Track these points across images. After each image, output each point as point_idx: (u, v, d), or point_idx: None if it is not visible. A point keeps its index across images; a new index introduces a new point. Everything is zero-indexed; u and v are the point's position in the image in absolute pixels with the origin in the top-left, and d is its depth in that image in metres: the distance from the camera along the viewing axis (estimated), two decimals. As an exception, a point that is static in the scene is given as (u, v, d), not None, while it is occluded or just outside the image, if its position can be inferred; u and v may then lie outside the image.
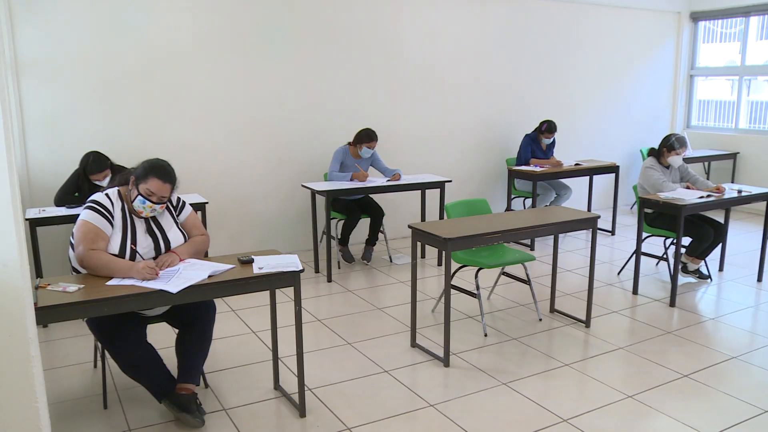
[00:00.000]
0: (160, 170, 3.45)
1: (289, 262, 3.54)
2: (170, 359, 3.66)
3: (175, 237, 3.57)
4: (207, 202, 5.56)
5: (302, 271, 3.50)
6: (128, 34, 5.87)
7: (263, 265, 3.48)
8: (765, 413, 3.77)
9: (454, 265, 4.95)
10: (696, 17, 9.99)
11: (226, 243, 6.46)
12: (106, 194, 3.47)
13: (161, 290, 3.09)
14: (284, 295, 5.37)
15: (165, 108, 6.14)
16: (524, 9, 8.22)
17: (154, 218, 3.54)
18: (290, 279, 3.47)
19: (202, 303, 3.65)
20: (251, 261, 3.53)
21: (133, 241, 3.41)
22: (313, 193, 6.19)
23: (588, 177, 8.24)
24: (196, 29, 6.16)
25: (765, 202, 6.14)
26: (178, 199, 3.74)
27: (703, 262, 6.24)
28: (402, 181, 6.45)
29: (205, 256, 3.75)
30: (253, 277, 3.36)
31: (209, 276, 3.27)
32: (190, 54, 6.18)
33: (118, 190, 3.51)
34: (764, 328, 5.16)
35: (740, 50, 9.72)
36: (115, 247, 3.35)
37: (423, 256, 6.96)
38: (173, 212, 3.66)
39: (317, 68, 6.84)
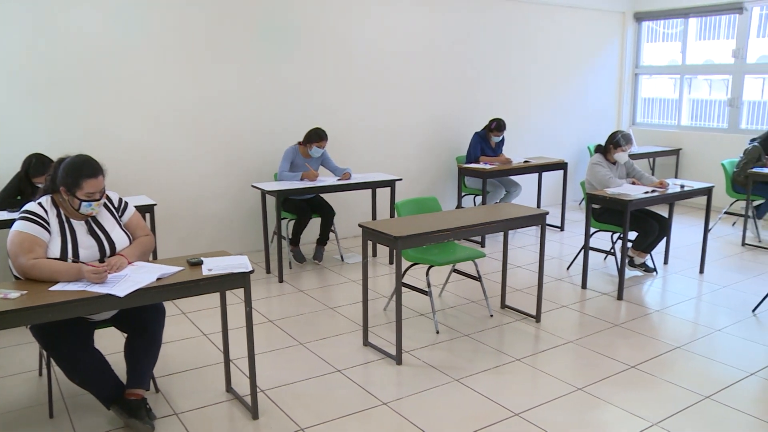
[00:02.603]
0: (86, 169, 3.34)
1: (239, 263, 3.51)
2: (119, 364, 3.60)
3: (119, 238, 3.51)
4: (155, 204, 5.47)
5: (252, 272, 3.47)
6: (70, 33, 5.75)
7: (212, 266, 3.44)
8: (706, 399, 3.89)
9: (405, 264, 4.97)
10: (639, 17, 10.20)
11: (176, 245, 6.38)
12: (39, 203, 3.37)
13: (108, 294, 3.03)
14: (235, 297, 5.32)
15: (110, 108, 6.02)
16: (474, 8, 8.29)
17: (94, 219, 3.47)
18: (240, 280, 3.44)
19: (150, 306, 3.59)
20: (200, 263, 3.49)
21: (74, 244, 3.33)
22: (263, 193, 6.15)
23: (537, 174, 8.34)
24: (142, 27, 6.06)
25: (706, 197, 6.30)
26: (120, 199, 3.67)
27: (648, 256, 6.38)
28: (352, 180, 6.45)
29: (154, 258, 3.69)
30: (202, 279, 3.31)
31: (157, 279, 3.21)
32: (136, 53, 6.07)
33: (52, 197, 3.42)
34: (706, 318, 5.30)
35: (681, 50, 9.96)
36: (55, 252, 3.27)
37: (374, 254, 6.97)
38: (115, 213, 3.59)
39: (266, 67, 6.79)
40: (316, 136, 6.42)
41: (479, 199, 7.79)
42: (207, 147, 6.59)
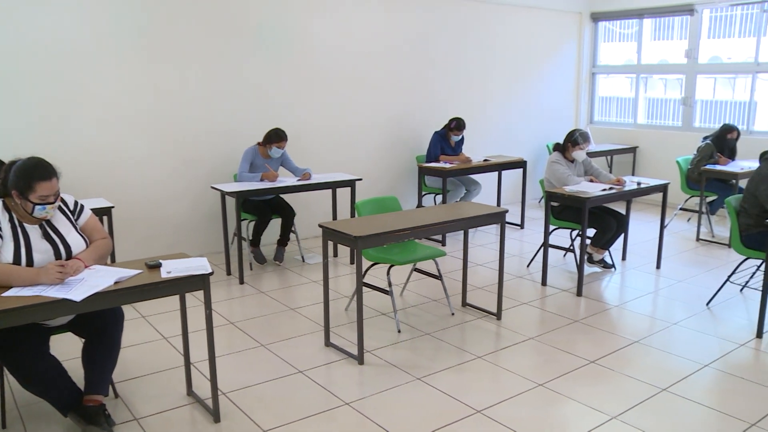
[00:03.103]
0: (39, 172, 3.26)
1: (198, 265, 3.47)
2: (76, 370, 3.53)
3: (75, 241, 3.44)
4: (113, 207, 5.38)
5: (212, 273, 3.44)
6: (23, 31, 5.63)
7: (171, 269, 3.40)
8: (663, 392, 3.96)
9: (366, 263, 4.97)
10: (596, 17, 10.34)
11: (134, 248, 6.28)
12: None
13: (64, 299, 2.97)
14: (195, 299, 5.27)
15: (64, 109, 5.91)
16: (433, 7, 8.32)
17: (49, 223, 3.40)
18: (199, 282, 3.40)
19: (109, 310, 3.53)
20: (159, 265, 3.44)
21: (28, 249, 3.26)
22: (223, 194, 6.10)
23: (497, 172, 8.41)
24: (97, 25, 5.96)
25: (662, 194, 6.41)
26: (76, 202, 3.60)
27: (607, 252, 6.47)
28: (312, 181, 6.43)
29: (112, 261, 3.63)
30: (161, 282, 3.27)
31: (115, 282, 3.16)
32: (90, 52, 5.97)
33: (3, 201, 3.34)
34: (663, 312, 5.39)
35: (637, 50, 10.12)
36: (7, 258, 3.19)
37: (335, 254, 6.95)
38: (70, 216, 3.53)
39: (226, 66, 6.73)
40: (276, 136, 6.39)
41: (439, 198, 7.82)
42: (165, 148, 6.51)
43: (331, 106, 7.60)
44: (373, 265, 5.15)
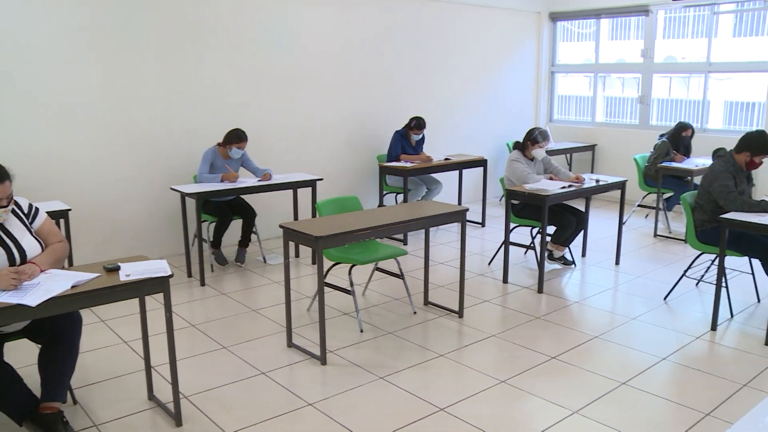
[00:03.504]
0: None
1: (158, 268, 3.42)
2: (32, 377, 3.45)
3: (31, 245, 3.37)
4: (70, 209, 5.27)
5: (171, 276, 3.39)
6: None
7: (130, 272, 3.35)
8: (622, 385, 4.02)
9: (328, 263, 4.96)
10: (554, 17, 10.45)
11: (93, 251, 6.18)
12: None
13: (19, 304, 2.90)
14: (156, 302, 5.19)
15: (17, 109, 5.78)
16: (393, 6, 8.33)
17: (2, 226, 3.32)
18: (159, 285, 3.36)
19: (66, 315, 3.45)
20: (117, 268, 3.39)
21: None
22: (183, 195, 6.03)
23: (457, 171, 8.45)
24: (51, 25, 5.84)
25: (620, 191, 6.50)
26: (30, 205, 3.53)
27: (567, 249, 6.54)
28: (273, 181, 6.40)
29: (69, 265, 3.57)
30: (119, 285, 3.22)
31: (72, 286, 3.10)
32: (45, 51, 5.85)
33: None
34: (622, 307, 5.47)
35: (594, 49, 10.25)
36: (-41, 263, 3.13)
37: (297, 255, 6.92)
38: (25, 220, 3.46)
39: (183, 66, 6.66)
40: (236, 137, 6.34)
41: (401, 197, 7.84)
42: (124, 149, 6.41)
43: (292, 106, 7.57)
44: (334, 265, 5.14)
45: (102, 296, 3.20)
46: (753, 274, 5.66)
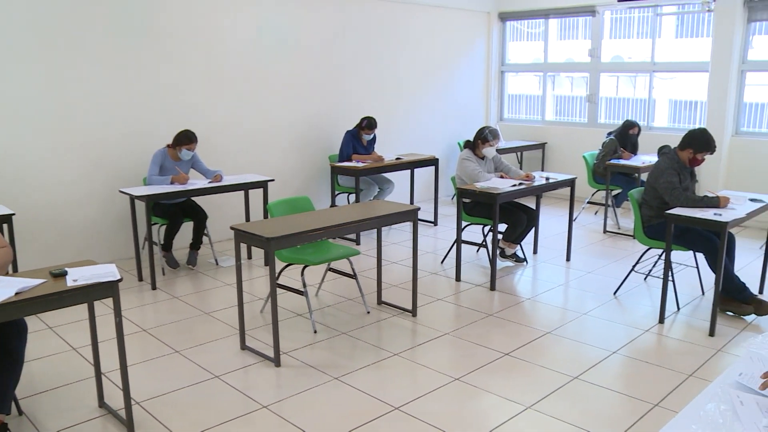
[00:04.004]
0: None
1: (106, 272, 3.36)
2: (-26, 385, 3.37)
3: (-29, 252, 3.28)
4: (14, 214, 5.13)
5: (121, 280, 3.33)
6: None
7: (78, 277, 3.27)
8: (575, 380, 4.08)
9: (280, 264, 4.93)
10: (504, 17, 10.55)
11: (38, 257, 6.03)
12: None
13: (-42, 312, 2.83)
14: (106, 307, 5.09)
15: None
16: (343, 6, 8.31)
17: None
18: (108, 290, 3.29)
19: (10, 323, 3.35)
20: (64, 274, 3.31)
21: None
22: (132, 198, 5.92)
23: (409, 170, 8.48)
24: (-10, 28, 5.71)
25: (569, 188, 6.59)
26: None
27: (518, 246, 6.61)
28: (224, 182, 6.33)
29: (14, 272, 3.47)
30: (66, 291, 3.14)
31: (16, 293, 3.02)
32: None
33: None
34: (573, 303, 5.55)
35: (543, 49, 10.38)
36: None
37: (249, 257, 6.86)
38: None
39: (131, 66, 6.53)
40: (186, 138, 6.26)
41: (353, 197, 7.83)
42: (70, 151, 6.27)
43: (242, 107, 7.50)
44: (287, 266, 5.11)
45: (48, 302, 3.12)
46: (698, 267, 5.80)
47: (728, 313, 5.15)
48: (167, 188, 6.01)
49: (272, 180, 6.71)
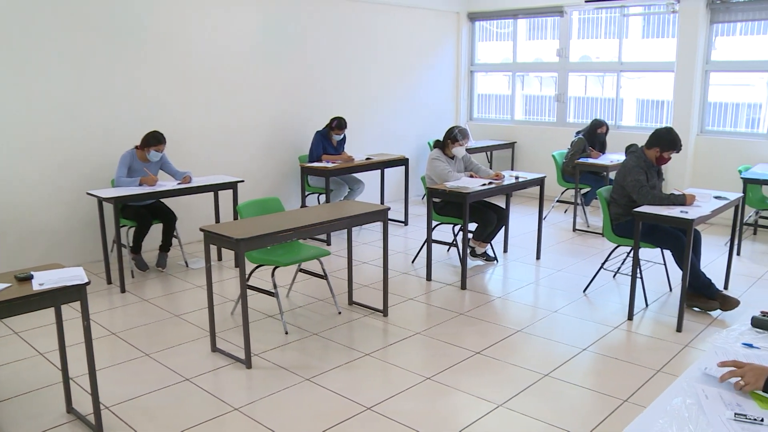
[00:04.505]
0: None
1: (73, 276, 3.32)
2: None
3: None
4: (-24, 217, 5.08)
5: (88, 283, 3.29)
6: None
7: (44, 280, 3.23)
8: (545, 377, 4.12)
9: (250, 266, 4.91)
10: (473, 17, 10.60)
11: (3, 260, 5.93)
12: None
13: None
14: (74, 311, 5.03)
15: None
16: (312, 6, 8.28)
17: None
18: (75, 293, 3.26)
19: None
20: (30, 278, 3.27)
21: None
22: (100, 200, 5.86)
23: (379, 171, 8.48)
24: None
25: (539, 187, 6.64)
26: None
27: (489, 245, 6.64)
28: (193, 184, 6.28)
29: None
30: (32, 295, 3.10)
31: (-20, 298, 2.99)
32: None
33: None
34: (543, 301, 5.59)
35: (512, 49, 10.44)
36: None
37: (219, 258, 6.82)
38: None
39: (99, 66, 6.45)
40: (154, 139, 6.20)
41: (323, 197, 7.81)
42: (36, 153, 6.17)
43: (210, 107, 7.44)
44: (257, 267, 5.08)
45: (14, 307, 3.09)
46: (665, 264, 5.87)
47: (695, 308, 5.23)
48: (136, 190, 5.96)
49: (242, 181, 6.67)
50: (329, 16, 8.53)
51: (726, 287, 5.78)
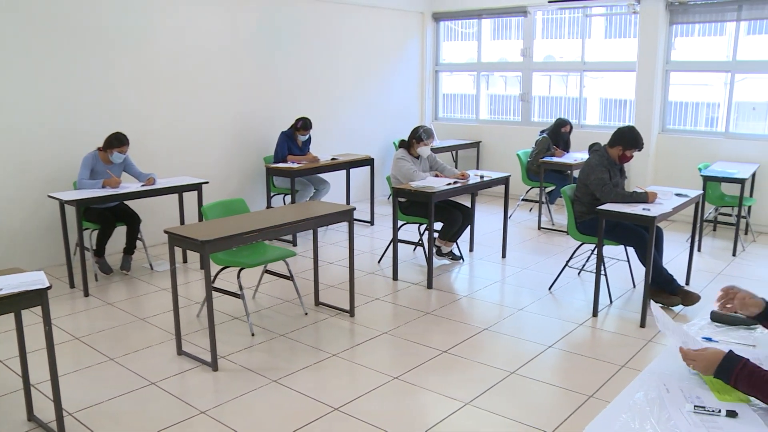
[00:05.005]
0: None
1: (34, 280, 3.27)
2: None
3: None
4: (-67, 222, 4.97)
5: (49, 288, 3.24)
6: None
7: (3, 285, 3.18)
8: (512, 374, 4.15)
9: (216, 267, 4.87)
10: (437, 17, 10.64)
11: (-39, 265, 5.84)
12: None
13: None
14: (36, 316, 4.93)
15: None
16: (278, 6, 8.25)
17: None
18: (36, 298, 3.20)
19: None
20: (-12, 282, 3.21)
21: None
22: (62, 203, 5.77)
23: (345, 171, 8.48)
24: None
25: (504, 186, 6.69)
26: None
27: (454, 244, 6.66)
28: (157, 185, 6.22)
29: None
30: (-9, 300, 3.06)
31: (-64, 303, 2.93)
32: None
33: None
34: (509, 299, 5.64)
35: (477, 48, 10.50)
36: None
37: (185, 260, 6.76)
38: None
39: (61, 65, 6.35)
40: (117, 141, 6.12)
41: (289, 198, 7.78)
42: (-6, 155, 6.08)
43: (174, 108, 7.37)
44: (223, 269, 5.04)
45: (-29, 313, 3.03)
46: (629, 261, 5.95)
47: (658, 304, 5.30)
48: (99, 192, 5.88)
49: (206, 182, 6.61)
50: (294, 17, 8.50)
51: (687, 283, 5.87)
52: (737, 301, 2.41)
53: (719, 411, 1.97)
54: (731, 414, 1.96)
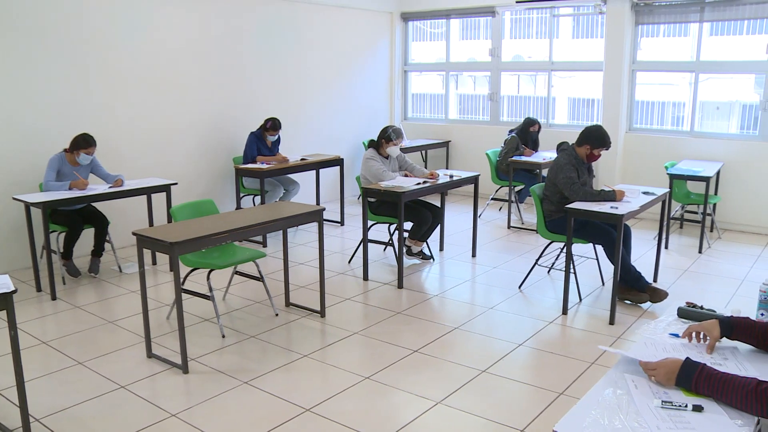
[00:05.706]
0: None
1: (-2, 284, 3.22)
2: None
3: None
4: None
5: (15, 291, 3.19)
6: None
7: (-34, 290, 3.13)
8: (483, 373, 4.17)
9: (185, 269, 4.84)
10: (406, 17, 10.66)
11: (-76, 270, 5.73)
12: None
13: None
14: (1, 321, 4.86)
15: None
16: (247, 6, 8.20)
17: None
18: (1, 302, 3.16)
19: None
20: (-49, 286, 3.16)
21: None
22: (27, 205, 5.68)
23: (314, 171, 8.46)
24: None
25: (474, 185, 6.72)
26: None
27: (424, 244, 6.68)
28: (125, 187, 6.15)
29: None
30: (-46, 305, 3.01)
31: None
32: None
33: None
34: (480, 298, 5.67)
35: (446, 48, 10.54)
36: None
37: (154, 262, 6.70)
38: None
39: (26, 66, 6.24)
40: (84, 142, 6.04)
41: (258, 199, 7.75)
42: (-45, 158, 5.97)
43: (142, 109, 7.29)
44: (192, 270, 5.01)
45: (-66, 317, 2.97)
46: (597, 259, 6.02)
47: (626, 301, 5.37)
48: (65, 194, 5.80)
49: (175, 183, 6.55)
50: (263, 16, 8.46)
51: (655, 280, 5.95)
52: (703, 334, 2.48)
53: (686, 406, 2.01)
54: (697, 408, 2.00)
